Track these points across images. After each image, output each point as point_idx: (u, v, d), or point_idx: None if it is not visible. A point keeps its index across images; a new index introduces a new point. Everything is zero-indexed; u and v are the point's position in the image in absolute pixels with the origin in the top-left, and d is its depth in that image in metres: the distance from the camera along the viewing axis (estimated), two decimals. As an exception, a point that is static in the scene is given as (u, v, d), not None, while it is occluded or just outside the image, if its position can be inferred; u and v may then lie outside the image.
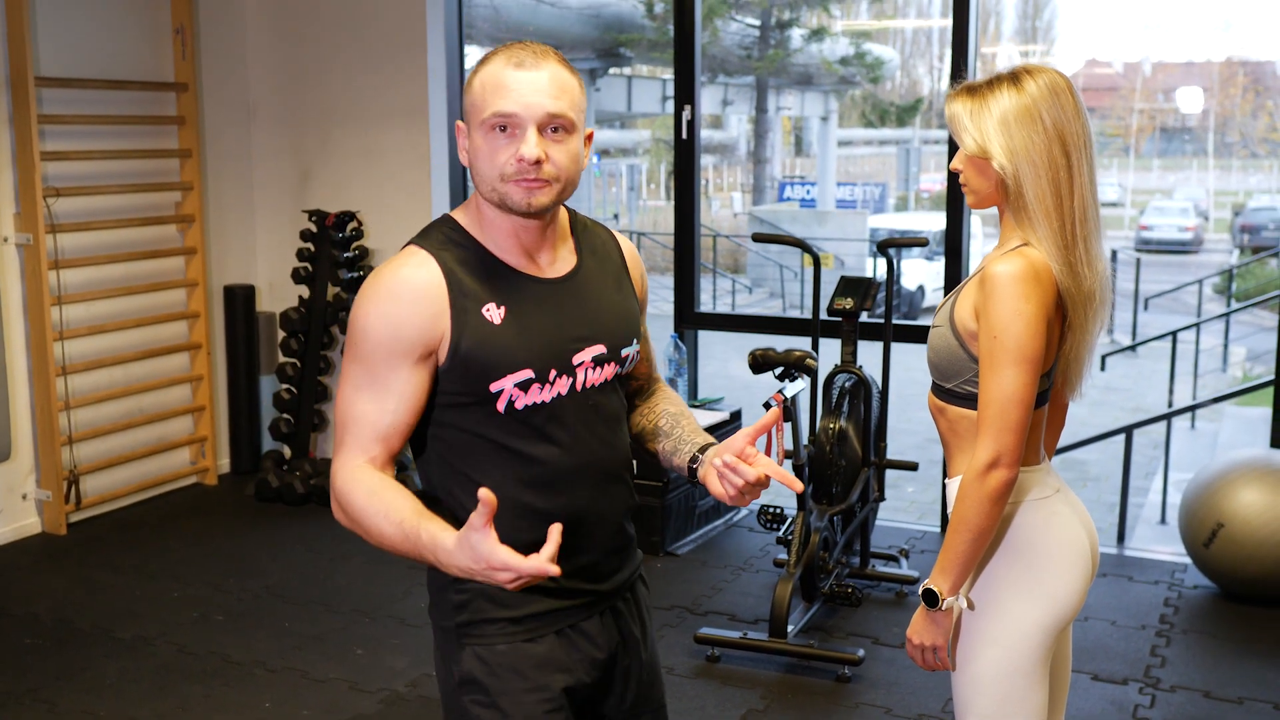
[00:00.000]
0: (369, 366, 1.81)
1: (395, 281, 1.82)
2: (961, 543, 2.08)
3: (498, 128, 1.80)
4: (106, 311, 5.47)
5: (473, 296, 1.83)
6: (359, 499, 1.78)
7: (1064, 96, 2.11)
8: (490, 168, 1.81)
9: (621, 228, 21.16)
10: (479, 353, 1.81)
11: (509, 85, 1.79)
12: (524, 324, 1.85)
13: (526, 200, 1.81)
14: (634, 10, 18.61)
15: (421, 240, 1.89)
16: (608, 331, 1.94)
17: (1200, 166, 36.93)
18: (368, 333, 1.81)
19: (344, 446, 1.83)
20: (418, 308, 1.80)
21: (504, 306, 1.84)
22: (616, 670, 2.00)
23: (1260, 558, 4.35)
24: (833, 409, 4.52)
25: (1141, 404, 10.94)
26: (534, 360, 1.85)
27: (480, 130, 1.82)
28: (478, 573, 1.64)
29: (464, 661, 1.91)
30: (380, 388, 1.81)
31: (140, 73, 5.52)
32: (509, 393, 1.84)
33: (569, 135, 1.83)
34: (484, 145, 1.82)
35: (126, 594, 4.63)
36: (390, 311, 1.80)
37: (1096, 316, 2.15)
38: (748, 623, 4.35)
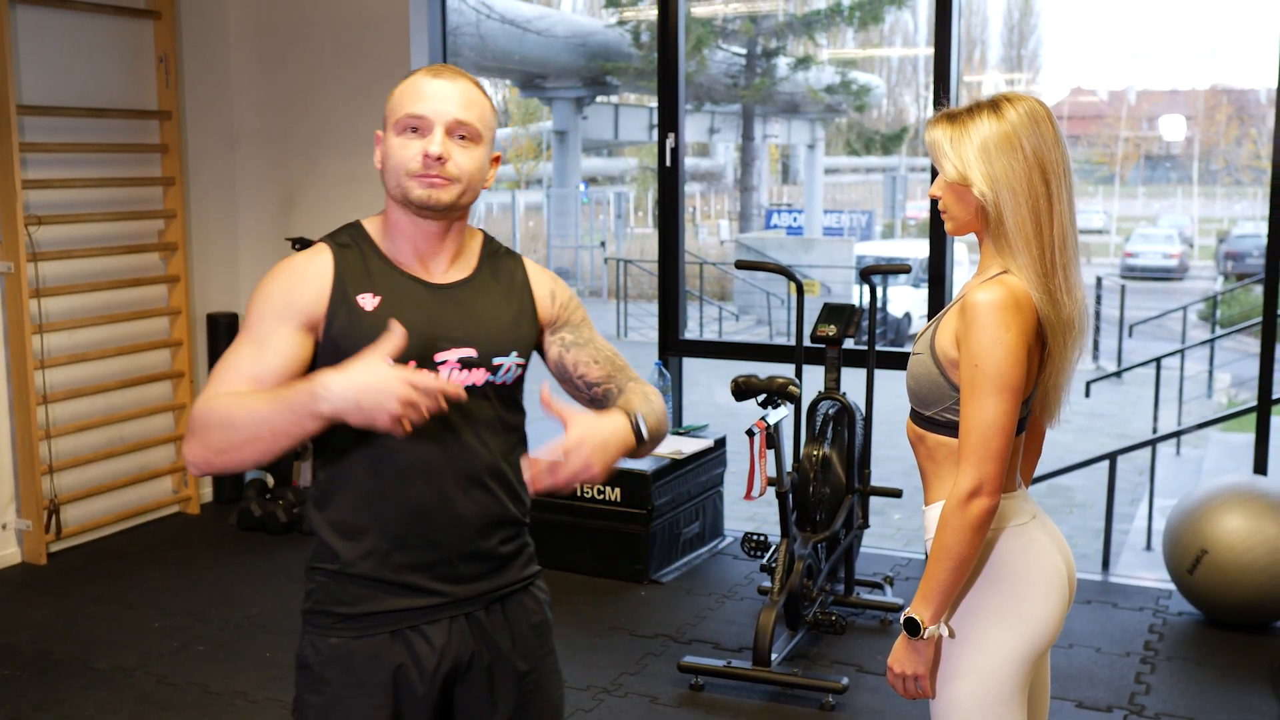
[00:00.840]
0: (253, 329, 1.91)
1: (291, 264, 1.98)
2: (943, 571, 2.07)
3: (409, 128, 1.93)
4: (88, 340, 5.45)
5: (353, 285, 1.95)
6: (220, 409, 1.82)
7: (1044, 124, 2.12)
8: (397, 163, 1.93)
9: (608, 255, 21.17)
10: (345, 334, 1.91)
11: (424, 91, 1.94)
12: (394, 315, 1.92)
13: (427, 195, 1.92)
14: (621, 39, 18.71)
15: (327, 237, 2.02)
16: (482, 338, 1.99)
17: (1185, 194, 37.16)
18: (258, 303, 1.93)
19: (207, 389, 1.88)
20: (305, 283, 1.93)
21: (380, 297, 1.95)
22: (467, 683, 2.02)
23: (1244, 584, 4.34)
24: (816, 436, 4.52)
25: (1127, 430, 10.96)
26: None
27: (393, 131, 1.95)
28: (367, 394, 1.72)
29: (304, 646, 2.01)
30: (260, 344, 1.90)
31: (123, 100, 5.52)
32: None
33: (474, 145, 1.96)
34: (394, 144, 1.94)
35: (107, 624, 4.59)
36: (281, 285, 1.94)
37: (1075, 344, 2.16)
38: (732, 651, 4.33)
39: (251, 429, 1.80)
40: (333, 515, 1.97)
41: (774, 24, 20.06)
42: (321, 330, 1.94)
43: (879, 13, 20.06)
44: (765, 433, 4.09)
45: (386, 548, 1.95)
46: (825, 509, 4.45)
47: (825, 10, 19.93)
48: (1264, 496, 4.44)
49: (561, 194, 21.53)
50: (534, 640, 2.08)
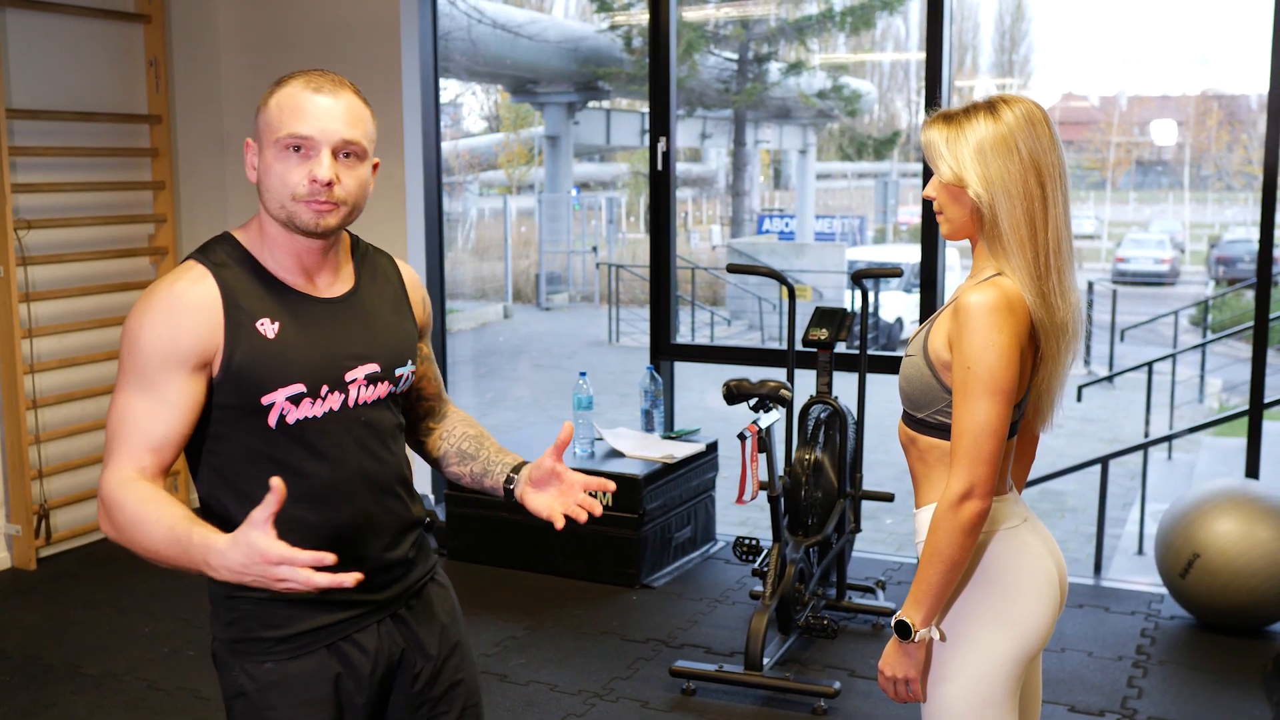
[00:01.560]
0: (144, 376, 1.83)
1: (171, 295, 1.85)
2: (934, 574, 2.07)
3: (292, 148, 1.85)
4: (78, 344, 5.43)
5: (247, 311, 1.87)
6: (130, 507, 1.78)
7: (1040, 127, 2.11)
8: (282, 186, 1.86)
9: (600, 260, 21.17)
10: (251, 365, 1.85)
11: (306, 109, 1.86)
12: (298, 340, 1.89)
13: (315, 221, 1.87)
14: (612, 44, 18.71)
15: (200, 256, 1.91)
16: (382, 351, 1.99)
17: (1176, 199, 37.22)
18: (142, 343, 1.83)
19: (114, 456, 1.83)
20: (192, 319, 1.84)
21: (278, 322, 1.89)
22: (401, 678, 2.05)
23: (1236, 588, 4.34)
24: (808, 440, 4.51)
25: (1118, 435, 10.97)
26: (306, 375, 1.89)
27: (273, 149, 1.86)
28: (252, 572, 1.64)
29: (235, 676, 1.97)
30: (154, 397, 1.83)
31: (113, 105, 5.50)
32: (280, 406, 1.88)
33: (360, 162, 1.91)
34: (275, 164, 1.86)
35: (96, 629, 4.57)
36: (165, 322, 1.83)
37: (1069, 348, 2.15)
38: (724, 655, 4.32)
39: (145, 549, 1.78)
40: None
41: (765, 29, 20.06)
42: (219, 365, 1.86)
43: (870, 18, 20.08)
44: (757, 437, 4.08)
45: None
46: (817, 513, 4.44)
47: (817, 15, 19.95)
48: (1256, 500, 4.44)
49: (553, 199, 21.51)
50: (452, 624, 2.14)
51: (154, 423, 1.83)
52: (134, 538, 1.78)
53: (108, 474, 1.82)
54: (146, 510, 1.77)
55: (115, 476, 1.81)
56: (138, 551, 1.79)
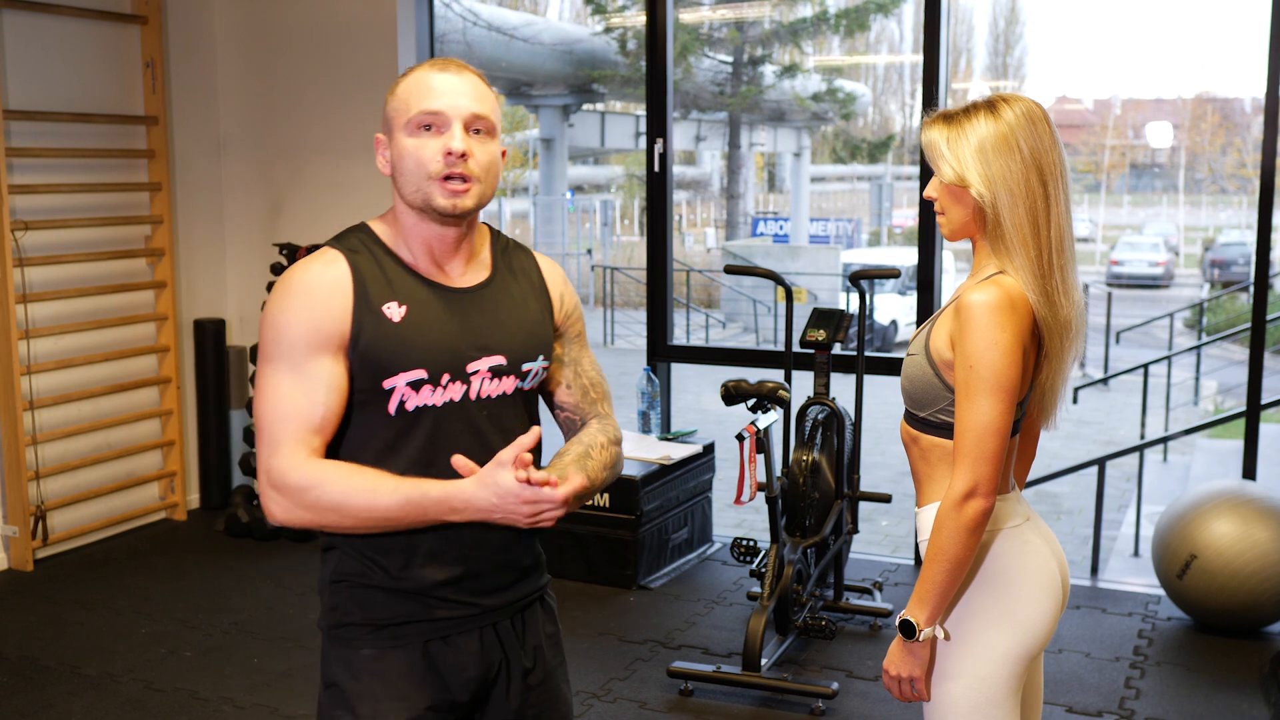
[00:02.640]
0: (292, 362, 1.82)
1: (306, 278, 1.85)
2: (938, 573, 2.07)
3: (423, 126, 1.85)
4: (75, 345, 5.42)
5: (376, 295, 1.87)
6: (333, 484, 1.78)
7: (1041, 125, 2.11)
8: (417, 167, 1.85)
9: (595, 263, 21.17)
10: (376, 348, 1.84)
11: (434, 86, 1.86)
12: (422, 325, 1.87)
13: (453, 203, 1.86)
14: (607, 47, 18.70)
15: (335, 242, 1.92)
16: (510, 344, 1.95)
17: (1170, 202, 37.30)
18: (285, 327, 1.83)
19: (280, 442, 1.81)
20: (326, 301, 1.84)
21: (405, 306, 1.87)
22: (495, 691, 1.99)
23: (1233, 589, 4.35)
24: (806, 441, 4.51)
25: (1114, 437, 10.97)
26: (428, 361, 1.87)
27: (404, 131, 1.87)
28: (503, 508, 1.78)
29: (331, 664, 1.95)
30: (307, 380, 1.82)
31: (109, 106, 5.50)
32: (400, 391, 1.86)
33: (490, 139, 1.90)
34: (409, 145, 1.86)
35: (93, 630, 4.56)
36: (305, 306, 1.83)
37: (1072, 346, 2.15)
38: (721, 656, 4.32)
39: (366, 519, 1.79)
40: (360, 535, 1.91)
41: (760, 32, 20.08)
42: (348, 345, 1.85)
43: (865, 20, 20.10)
44: (755, 437, 4.08)
45: (420, 562, 1.90)
46: (815, 514, 4.45)
47: (811, 18, 19.96)
48: (1253, 502, 4.44)
49: (548, 202, 21.52)
50: (549, 650, 2.07)
51: (312, 405, 1.82)
52: (348, 510, 1.78)
53: (280, 460, 1.80)
54: (359, 481, 1.79)
55: (290, 460, 1.80)
56: (344, 526, 1.81)
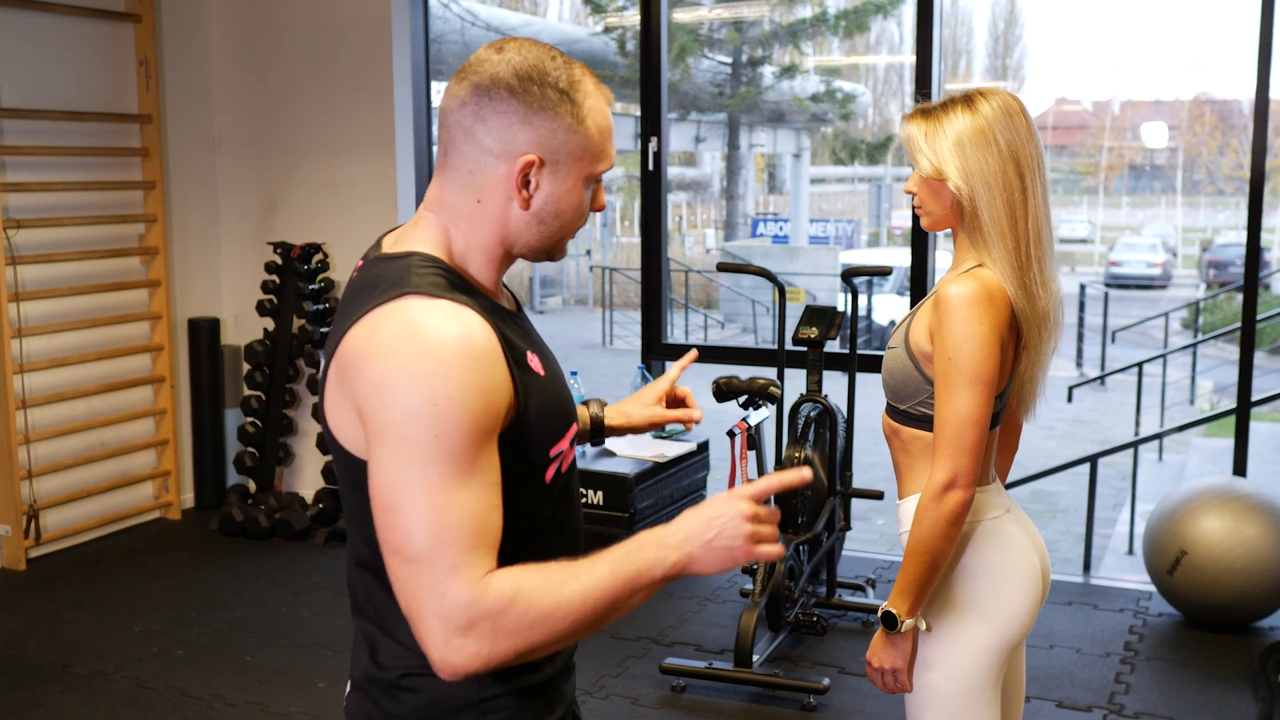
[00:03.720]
0: (461, 454, 1.37)
1: (460, 339, 1.39)
2: (919, 564, 2.08)
3: (597, 180, 1.55)
4: (68, 344, 5.43)
5: (517, 347, 1.49)
6: (529, 597, 1.37)
7: (1017, 118, 2.12)
8: (578, 218, 1.55)
9: (594, 263, 21.19)
10: (543, 413, 1.50)
11: (612, 132, 1.55)
12: (553, 368, 1.57)
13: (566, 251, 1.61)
14: (606, 47, 18.70)
15: (423, 286, 1.45)
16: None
17: (1168, 204, 37.31)
18: (457, 417, 1.37)
19: (458, 568, 1.36)
20: (493, 369, 1.42)
21: (536, 354, 1.53)
22: None
23: (1223, 585, 4.36)
24: (798, 438, 4.52)
25: (1109, 436, 10.96)
26: (573, 408, 1.60)
27: (585, 177, 1.52)
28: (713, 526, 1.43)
29: None
30: (480, 480, 1.39)
31: (103, 104, 5.50)
32: (564, 455, 1.55)
33: None
34: (578, 198, 1.53)
35: (85, 629, 4.57)
36: (479, 384, 1.39)
37: (1051, 336, 2.16)
38: (714, 653, 4.33)
39: (580, 618, 1.39)
40: None
41: (759, 32, 20.09)
42: (512, 415, 1.45)
43: (865, 21, 20.09)
44: (746, 434, 4.09)
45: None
46: (807, 511, 4.45)
47: (811, 19, 19.97)
48: (1242, 498, 4.45)
49: (547, 203, 21.49)
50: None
51: (489, 513, 1.40)
52: (564, 613, 1.38)
53: (461, 590, 1.35)
54: (561, 587, 1.39)
55: (473, 589, 1.36)
56: (555, 640, 1.40)
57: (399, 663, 1.52)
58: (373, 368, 1.38)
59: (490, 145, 1.48)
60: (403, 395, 1.36)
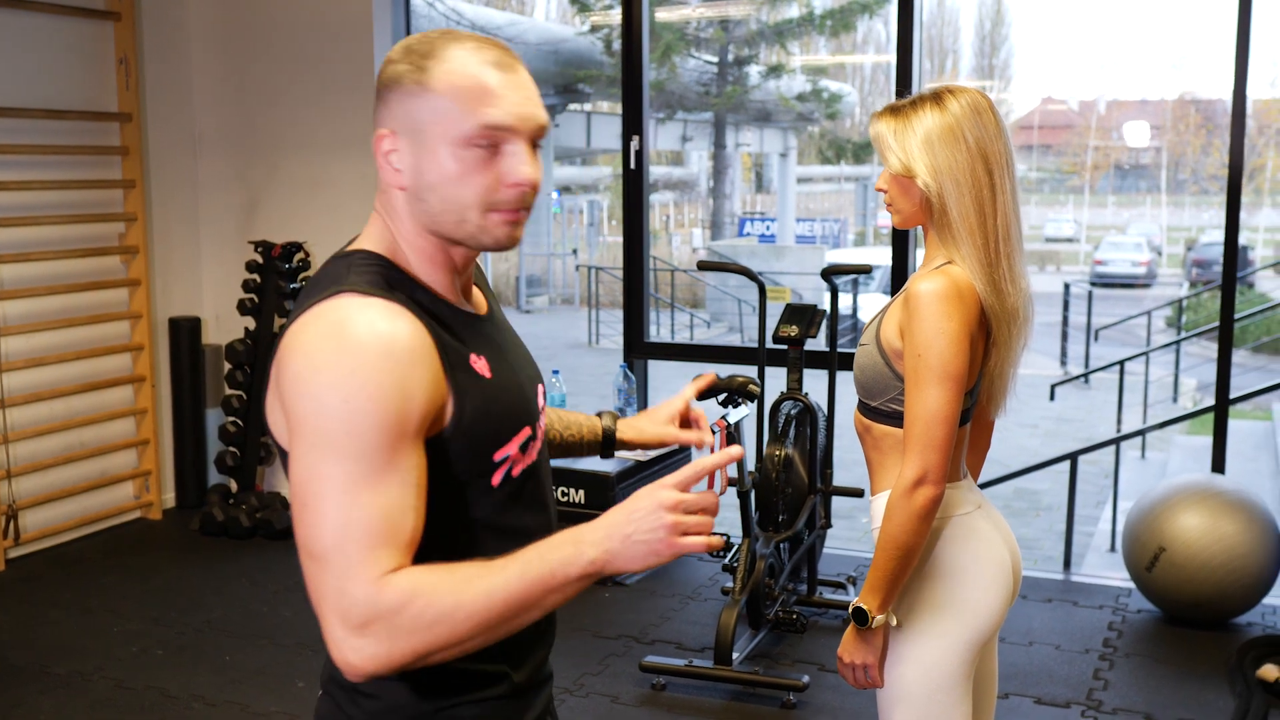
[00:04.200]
0: (373, 453, 1.33)
1: (383, 341, 1.35)
2: (890, 560, 2.08)
3: (480, 144, 1.41)
4: (48, 344, 5.41)
5: (455, 348, 1.44)
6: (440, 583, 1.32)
7: (986, 116, 2.13)
8: (468, 193, 1.42)
9: (580, 263, 21.19)
10: (484, 416, 1.44)
11: (496, 89, 1.41)
12: (504, 372, 1.51)
13: (510, 237, 1.46)
14: (592, 46, 18.72)
15: (359, 284, 1.42)
16: (535, 367, 1.66)
17: (1154, 203, 37.45)
18: (368, 415, 1.33)
19: (356, 566, 1.31)
20: (417, 369, 1.37)
21: (483, 356, 1.48)
22: None
23: (1200, 581, 4.37)
24: (779, 436, 4.52)
25: (1093, 434, 11.00)
26: (527, 413, 1.53)
27: (452, 145, 1.41)
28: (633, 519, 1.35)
29: None
30: (394, 480, 1.35)
31: (83, 103, 5.48)
32: (512, 458, 1.49)
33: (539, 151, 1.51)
34: (454, 165, 1.41)
35: (64, 630, 4.55)
36: (394, 382, 1.34)
37: (1020, 333, 2.17)
38: (694, 651, 4.33)
39: (485, 619, 1.32)
40: None
41: (745, 31, 20.12)
42: (450, 418, 1.41)
43: (851, 21, 20.15)
44: (726, 431, 4.09)
45: (534, 642, 1.57)
46: (787, 509, 4.46)
47: (797, 18, 20.00)
48: (1221, 495, 4.47)
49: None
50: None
51: (404, 514, 1.34)
52: (464, 612, 1.32)
53: (359, 587, 1.31)
54: (465, 586, 1.32)
55: (372, 585, 1.31)
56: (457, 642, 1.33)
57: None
58: (294, 363, 1.36)
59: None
60: (318, 391, 1.33)
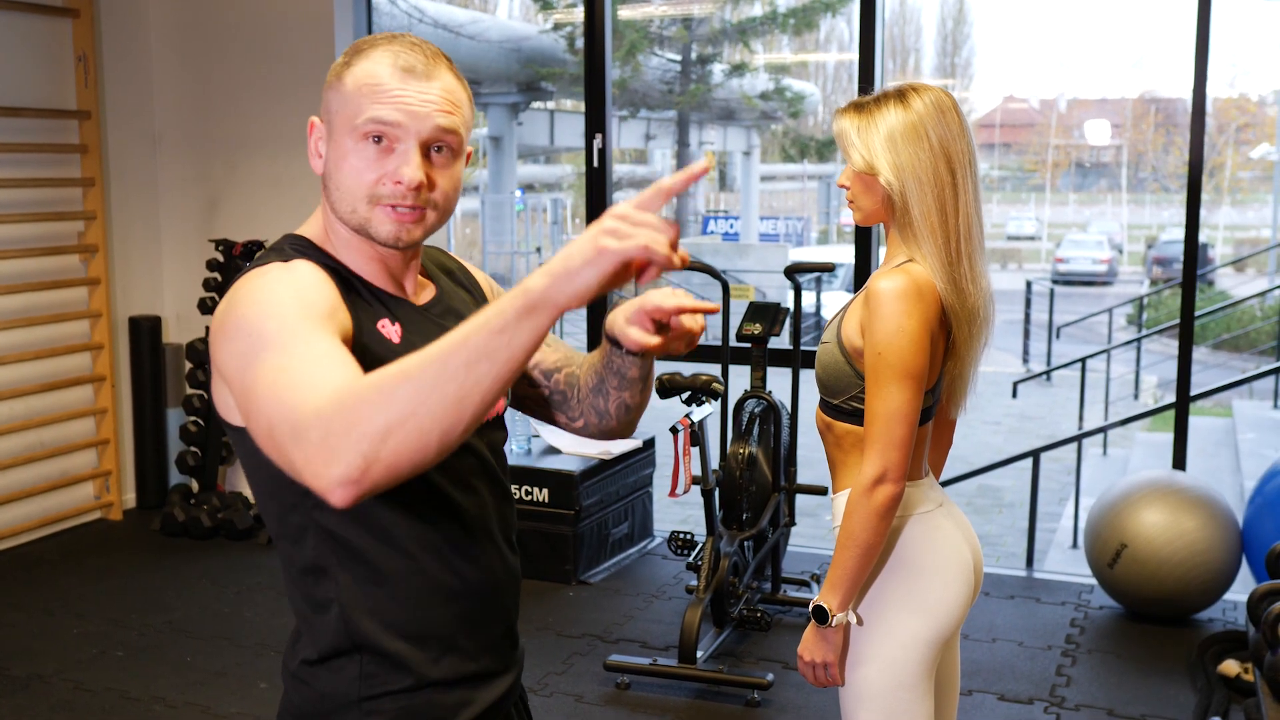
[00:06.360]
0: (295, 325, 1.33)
1: (290, 271, 1.43)
2: (850, 558, 2.09)
3: (372, 138, 1.47)
4: (6, 343, 5.35)
5: (365, 308, 1.50)
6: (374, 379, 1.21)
7: (950, 114, 2.13)
8: (356, 185, 1.48)
9: (544, 261, 21.19)
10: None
11: (392, 89, 1.46)
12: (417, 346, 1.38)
13: (396, 234, 1.49)
14: (555, 44, 18.67)
15: (279, 256, 1.49)
16: None
17: (1114, 201, 37.75)
18: (284, 303, 1.36)
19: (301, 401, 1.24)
20: (322, 288, 1.43)
21: (398, 324, 1.51)
22: None
23: (1162, 577, 4.41)
24: (743, 434, 4.53)
25: (1055, 432, 11.08)
26: None
27: (349, 137, 1.48)
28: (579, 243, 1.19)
29: None
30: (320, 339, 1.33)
31: (40, 100, 5.42)
32: None
33: (454, 159, 1.52)
34: (349, 157, 1.48)
35: (23, 631, 4.50)
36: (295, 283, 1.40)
37: (980, 333, 2.17)
38: (659, 650, 4.33)
39: (435, 372, 1.19)
40: (388, 621, 1.51)
41: (709, 30, 20.13)
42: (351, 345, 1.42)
43: (814, 19, 20.18)
44: (689, 430, 4.09)
45: (464, 637, 1.56)
46: (751, 507, 4.46)
47: (760, 17, 20.03)
48: (1182, 491, 4.51)
49: (497, 200, 21.46)
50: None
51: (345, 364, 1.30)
52: (397, 387, 1.18)
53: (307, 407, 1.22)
54: (387, 368, 1.22)
55: (318, 399, 1.23)
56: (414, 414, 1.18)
57: (295, 653, 1.56)
58: (216, 322, 1.41)
59: None
60: (237, 320, 1.36)
